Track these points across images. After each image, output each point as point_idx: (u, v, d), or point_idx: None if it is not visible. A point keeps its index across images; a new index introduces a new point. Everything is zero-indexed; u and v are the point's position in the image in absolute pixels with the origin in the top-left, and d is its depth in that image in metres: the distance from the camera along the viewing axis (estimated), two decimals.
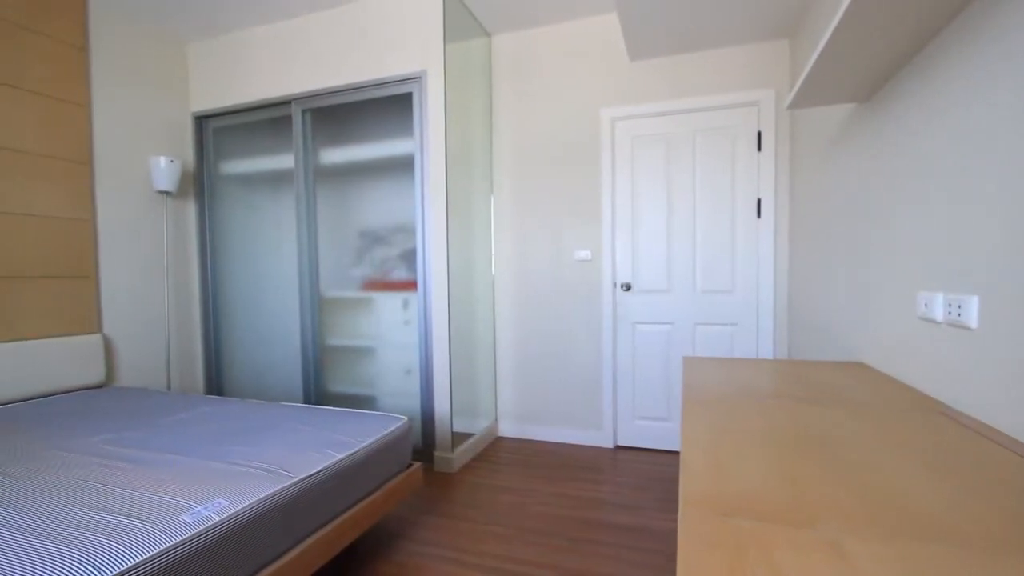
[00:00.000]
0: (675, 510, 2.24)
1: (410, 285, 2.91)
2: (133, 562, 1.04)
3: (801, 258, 2.50)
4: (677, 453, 2.95)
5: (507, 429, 3.29)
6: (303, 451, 1.64)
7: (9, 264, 2.44)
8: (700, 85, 2.82)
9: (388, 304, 2.99)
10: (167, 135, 3.22)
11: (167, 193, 3.05)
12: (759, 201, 2.77)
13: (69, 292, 2.68)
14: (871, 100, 1.60)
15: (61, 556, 1.03)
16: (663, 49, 2.80)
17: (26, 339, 2.50)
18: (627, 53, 2.89)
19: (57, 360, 2.58)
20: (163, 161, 2.96)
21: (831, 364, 1.60)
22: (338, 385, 3.18)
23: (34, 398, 2.48)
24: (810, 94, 1.59)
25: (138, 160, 3.04)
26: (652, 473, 2.66)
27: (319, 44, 2.97)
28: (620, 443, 3.08)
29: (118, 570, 1.01)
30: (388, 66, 2.80)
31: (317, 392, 3.11)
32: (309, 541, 1.47)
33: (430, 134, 2.71)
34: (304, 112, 3.03)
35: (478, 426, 3.10)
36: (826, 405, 1.10)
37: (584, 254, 3.06)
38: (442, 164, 2.69)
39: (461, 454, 2.79)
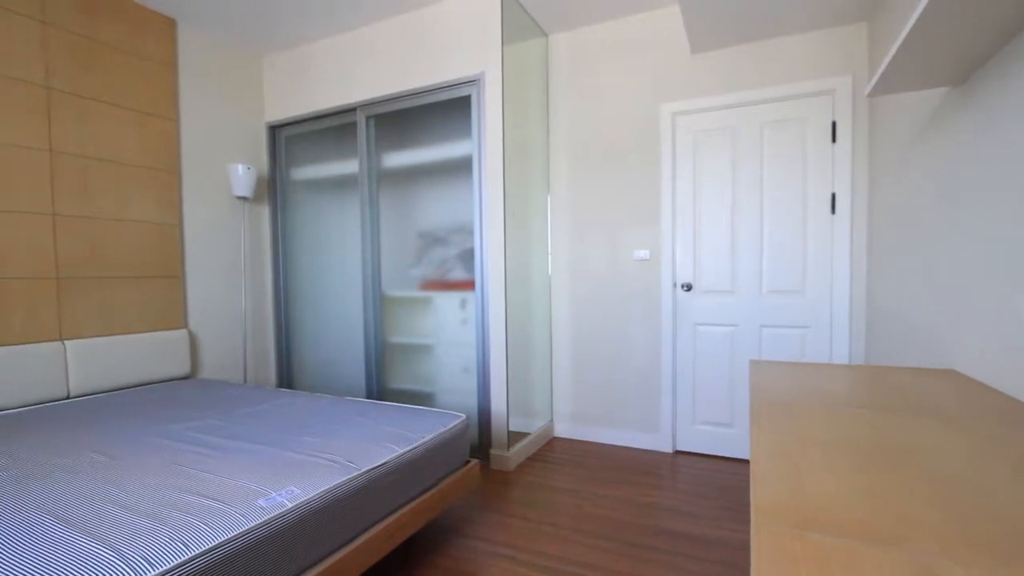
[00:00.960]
0: (738, 520, 2.15)
1: (468, 285, 2.96)
2: (216, 542, 1.12)
3: (882, 256, 2.33)
4: (741, 461, 2.82)
5: (563, 430, 3.27)
6: (367, 444, 1.71)
7: (109, 266, 2.70)
8: (768, 75, 2.69)
9: (446, 303, 3.06)
10: (244, 144, 3.45)
11: (244, 198, 3.27)
12: (833, 196, 2.61)
13: (159, 291, 2.92)
14: (967, 82, 1.46)
15: (155, 532, 1.13)
16: (727, 39, 2.69)
17: (123, 334, 2.75)
18: (689, 46, 2.80)
19: (149, 353, 2.82)
20: (241, 169, 3.17)
21: (917, 370, 1.48)
22: (398, 381, 3.28)
23: (130, 387, 2.72)
24: (895, 79, 1.47)
25: (219, 168, 3.27)
26: (713, 480, 2.56)
27: (382, 52, 3.08)
28: (680, 448, 2.99)
29: (203, 548, 1.09)
30: (447, 70, 2.86)
31: (379, 388, 3.23)
32: (372, 531, 1.52)
33: (488, 135, 2.74)
34: (368, 118, 3.15)
35: (534, 426, 3.10)
36: (913, 415, 1.01)
37: (643, 254, 2.99)
38: (499, 165, 2.72)
39: (517, 453, 2.81)
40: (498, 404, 2.77)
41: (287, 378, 3.64)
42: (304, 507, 1.32)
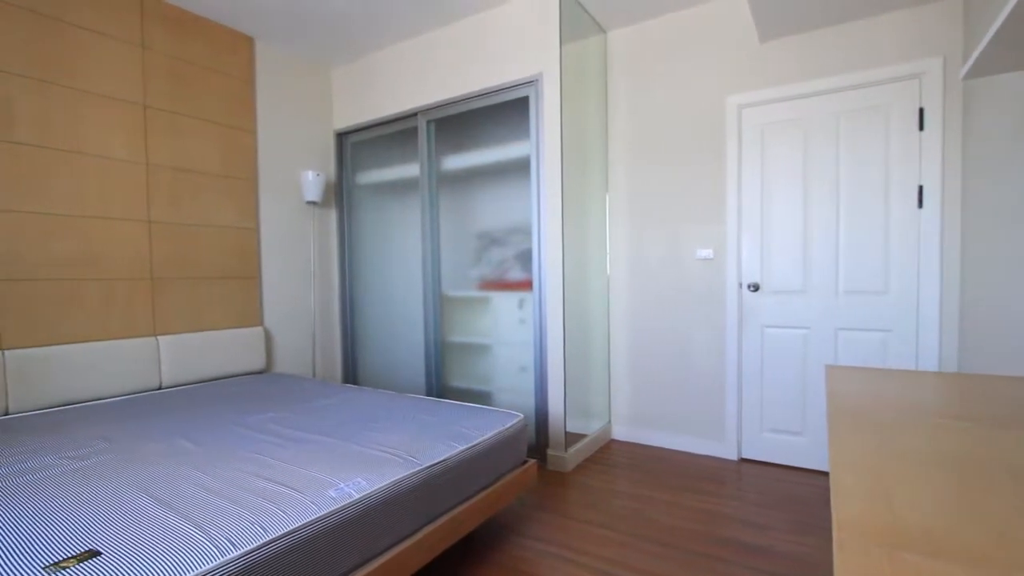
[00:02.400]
0: (810, 533, 2.03)
1: (525, 285, 2.97)
2: (291, 527, 1.18)
3: (979, 253, 2.12)
4: (812, 472, 2.66)
5: (621, 432, 3.21)
6: (428, 440, 1.75)
7: (196, 268, 2.92)
8: (845, 61, 2.52)
9: (504, 303, 3.08)
10: (314, 151, 3.63)
11: (314, 203, 3.44)
12: (921, 188, 2.40)
13: (239, 291, 3.14)
14: None
15: (236, 514, 1.21)
16: (799, 25, 2.54)
17: (207, 330, 2.97)
18: (757, 34, 2.67)
19: (230, 349, 3.03)
20: (311, 175, 3.34)
21: None
22: (457, 380, 3.34)
23: (213, 380, 2.94)
24: (998, 58, 1.34)
25: (291, 175, 3.46)
26: (782, 491, 2.43)
27: (442, 58, 3.15)
28: (745, 456, 2.85)
29: (279, 532, 1.15)
30: (505, 72, 2.88)
31: (438, 385, 3.30)
32: (432, 526, 1.56)
33: (545, 136, 2.74)
34: (429, 123, 3.23)
35: (591, 427, 3.07)
36: (1022, 429, 0.91)
37: (706, 252, 2.89)
38: (557, 165, 2.71)
39: (574, 454, 2.78)
40: (555, 404, 2.76)
41: (352, 374, 3.80)
42: (369, 499, 1.37)
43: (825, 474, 2.62)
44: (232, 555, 1.06)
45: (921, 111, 2.38)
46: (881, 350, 2.52)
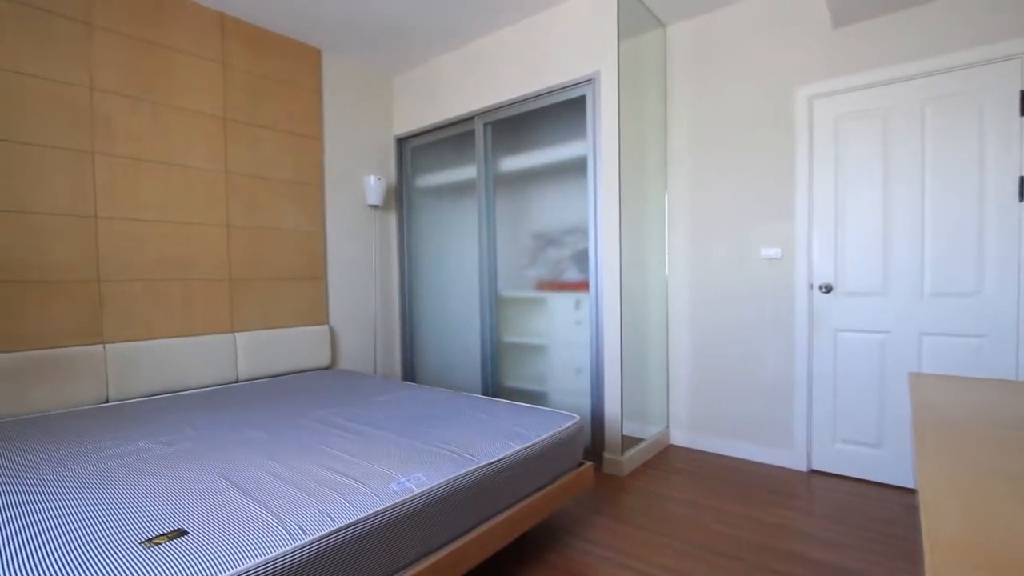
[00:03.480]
0: (887, 553, 1.88)
1: (582, 285, 2.94)
2: (355, 518, 1.23)
3: None
4: (892, 487, 2.47)
5: (680, 438, 3.12)
6: (485, 439, 1.77)
7: (269, 269, 3.11)
8: (930, 44, 2.32)
9: (560, 304, 3.07)
10: (375, 156, 3.77)
11: (375, 206, 3.57)
12: (1022, 180, 2.18)
13: (306, 291, 3.31)
14: None
15: (305, 503, 1.27)
16: (879, 7, 2.37)
17: (278, 328, 3.15)
18: (830, 20, 2.52)
19: (298, 346, 3.20)
20: (373, 179, 3.47)
21: None
22: (512, 380, 3.36)
23: (283, 375, 3.11)
24: None
25: (354, 180, 3.61)
26: (856, 506, 2.27)
27: (498, 61, 3.18)
28: (815, 467, 2.69)
29: (345, 522, 1.21)
30: (561, 72, 2.87)
31: (493, 385, 3.33)
32: (489, 524, 1.58)
33: (603, 134, 2.70)
34: (485, 125, 3.27)
35: (649, 431, 3.00)
36: None
37: (773, 252, 2.75)
38: (615, 164, 2.67)
39: (631, 458, 2.73)
40: (612, 407, 2.72)
41: (410, 371, 3.91)
42: (429, 494, 1.40)
43: (905, 490, 2.43)
44: (303, 541, 1.12)
45: (1022, 94, 2.16)
46: (973, 357, 2.30)
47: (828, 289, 2.63)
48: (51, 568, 1.00)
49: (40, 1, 2.29)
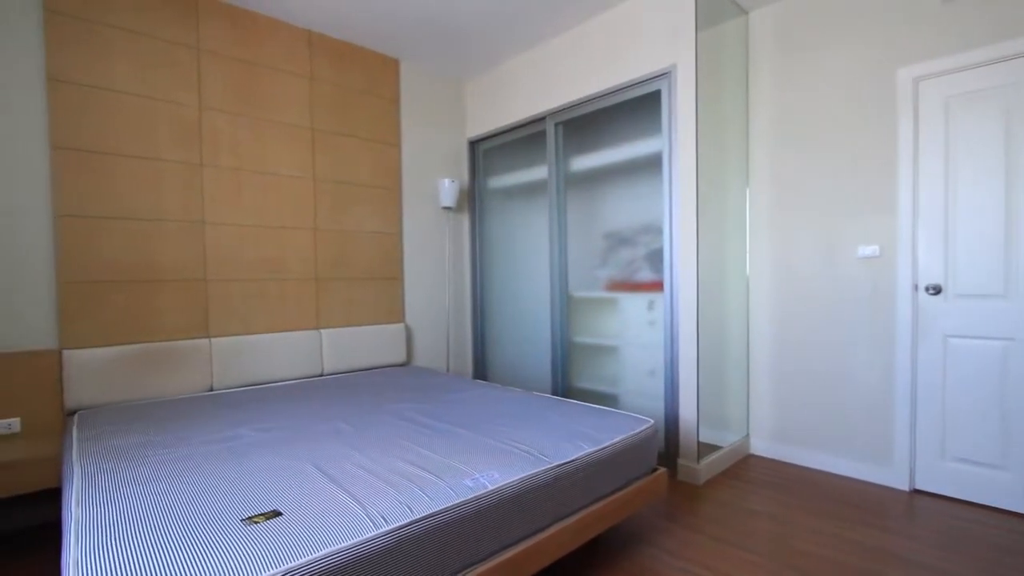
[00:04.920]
0: None
1: (656, 286, 2.86)
2: (433, 510, 1.27)
3: None
4: (1016, 515, 2.18)
5: (761, 447, 2.95)
6: (557, 440, 1.77)
7: (350, 269, 3.29)
8: None
9: (633, 304, 3.00)
10: (449, 160, 3.88)
11: (448, 208, 3.67)
12: None
13: (385, 290, 3.47)
14: None
15: (385, 493, 1.34)
16: None
17: (359, 325, 3.32)
18: None
19: (377, 342, 3.35)
20: (446, 182, 3.58)
21: None
22: (582, 381, 3.33)
23: (362, 370, 3.28)
24: None
25: (428, 183, 3.74)
26: (972, 533, 2.04)
27: (570, 59, 3.16)
28: (919, 486, 2.44)
29: (423, 514, 1.25)
30: (635, 68, 2.81)
31: (563, 385, 3.32)
32: (560, 525, 1.57)
33: (679, 129, 2.61)
34: (557, 125, 3.27)
35: (726, 439, 2.86)
36: None
37: (870, 250, 2.53)
38: (692, 159, 2.57)
39: (708, 466, 2.62)
40: (687, 412, 2.62)
41: (481, 369, 3.98)
42: (502, 491, 1.42)
43: None
44: (384, 528, 1.18)
45: None
46: None
47: (936, 290, 2.38)
48: (165, 538, 1.12)
49: (158, 31, 2.56)
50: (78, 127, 2.35)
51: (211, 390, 2.68)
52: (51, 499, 2.29)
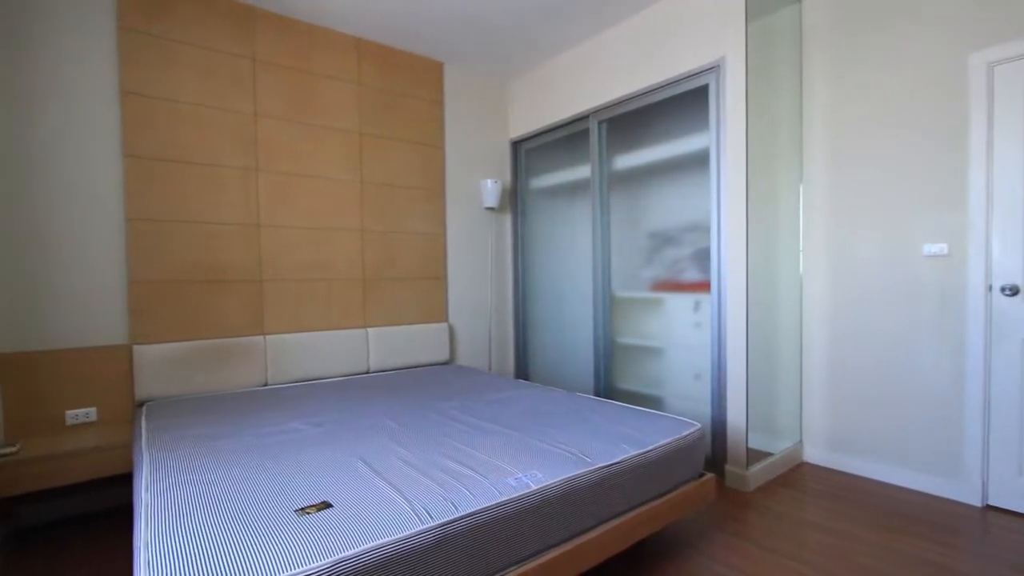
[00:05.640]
0: None
1: (702, 286, 2.79)
2: (477, 507, 1.29)
3: None
4: None
5: (815, 455, 2.82)
6: (601, 441, 1.75)
7: (395, 269, 3.37)
8: None
9: (678, 305, 2.93)
10: (491, 161, 3.91)
11: (491, 209, 3.70)
12: None
13: (428, 290, 3.53)
14: None
15: (431, 489, 1.36)
16: None
17: (403, 324, 3.39)
18: None
19: (421, 341, 3.42)
20: (489, 183, 3.61)
21: None
22: (625, 382, 3.28)
23: (406, 368, 3.35)
24: None
25: (472, 184, 3.78)
26: None
27: (614, 57, 3.12)
28: (993, 503, 2.27)
29: (467, 511, 1.27)
30: (681, 63, 2.74)
31: (606, 386, 3.28)
32: (605, 527, 1.56)
33: (728, 125, 2.53)
34: (600, 123, 3.23)
35: (777, 446, 2.75)
36: None
37: (936, 248, 2.38)
38: (741, 155, 2.48)
39: (757, 473, 2.53)
40: (735, 416, 2.53)
41: (523, 369, 3.99)
42: (545, 491, 1.42)
43: None
44: (430, 524, 1.20)
45: None
46: None
47: (1014, 291, 2.20)
48: (224, 524, 1.18)
49: (219, 44, 2.70)
50: (147, 136, 2.51)
51: (265, 385, 2.81)
52: (126, 483, 2.46)
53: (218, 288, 2.71)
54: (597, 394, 3.30)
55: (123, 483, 2.46)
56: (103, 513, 2.38)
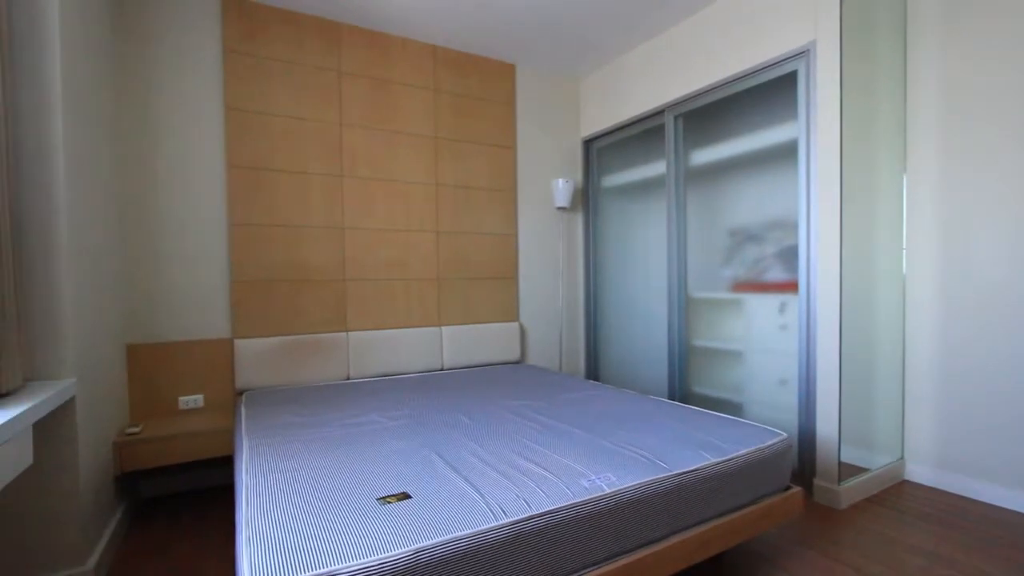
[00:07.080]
0: None
1: (789, 286, 2.62)
2: (550, 507, 1.29)
3: None
4: None
5: (919, 473, 2.56)
6: (677, 447, 1.70)
7: (469, 269, 3.45)
8: None
9: (760, 307, 2.78)
10: (563, 160, 3.89)
11: (563, 208, 3.69)
12: None
13: (501, 290, 3.58)
14: None
15: (503, 486, 1.38)
16: None
17: (476, 323, 3.46)
18: None
19: (492, 340, 3.47)
20: (561, 183, 3.59)
21: None
22: (702, 386, 3.15)
23: (478, 366, 3.41)
24: None
25: (543, 183, 3.78)
26: None
27: (689, 48, 3.01)
28: None
29: (540, 510, 1.27)
30: (765, 50, 2.59)
31: (681, 390, 3.17)
32: (681, 536, 1.50)
33: (819, 113, 2.36)
34: (676, 118, 3.13)
35: (874, 461, 2.53)
36: None
37: None
38: (835, 145, 2.30)
39: (850, 490, 2.34)
40: (826, 428, 2.36)
41: (593, 370, 3.94)
42: (619, 495, 1.40)
43: None
44: (504, 521, 1.22)
45: None
46: None
47: None
48: (313, 507, 1.26)
49: (309, 59, 2.90)
50: (245, 148, 2.74)
51: (348, 379, 2.98)
52: (227, 464, 2.71)
53: (306, 287, 2.91)
54: (671, 397, 3.20)
55: (223, 464, 2.70)
56: (208, 490, 2.63)
